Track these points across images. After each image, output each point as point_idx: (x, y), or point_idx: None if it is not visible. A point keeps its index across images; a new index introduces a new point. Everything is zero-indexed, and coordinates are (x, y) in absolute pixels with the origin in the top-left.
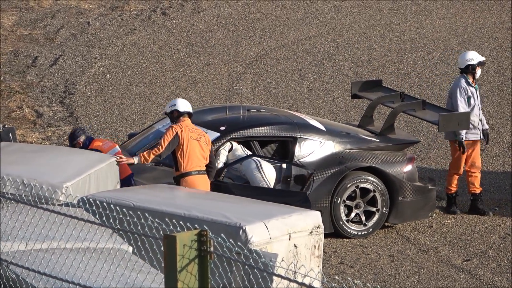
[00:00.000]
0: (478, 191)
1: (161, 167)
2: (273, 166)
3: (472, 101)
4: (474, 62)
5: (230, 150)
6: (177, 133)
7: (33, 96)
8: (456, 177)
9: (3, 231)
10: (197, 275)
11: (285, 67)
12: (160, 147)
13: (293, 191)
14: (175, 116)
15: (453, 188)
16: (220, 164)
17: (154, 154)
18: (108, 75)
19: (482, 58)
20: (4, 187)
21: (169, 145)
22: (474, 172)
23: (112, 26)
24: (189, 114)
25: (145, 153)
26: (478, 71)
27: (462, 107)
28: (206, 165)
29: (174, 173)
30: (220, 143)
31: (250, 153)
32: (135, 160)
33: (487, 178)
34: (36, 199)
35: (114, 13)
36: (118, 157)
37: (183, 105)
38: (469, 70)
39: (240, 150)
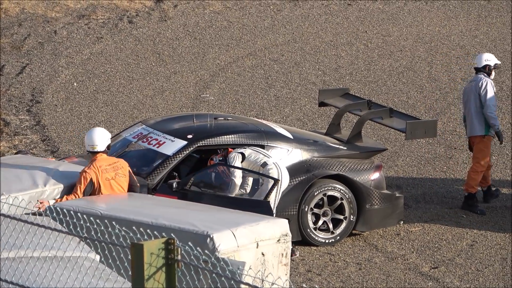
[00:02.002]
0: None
1: None
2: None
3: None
4: (491, 63)
5: (243, 160)
6: (91, 179)
7: (0, 104)
8: (482, 175)
9: None
10: (164, 283)
11: (252, 75)
12: (76, 196)
13: (256, 200)
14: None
15: (476, 186)
16: (238, 179)
17: None
18: (75, 84)
19: (498, 62)
20: None
21: (85, 192)
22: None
23: (79, 34)
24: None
25: (63, 199)
26: (493, 73)
27: (493, 103)
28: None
29: None
30: (187, 151)
31: (265, 152)
32: (51, 203)
33: (454, 185)
34: None
35: (81, 21)
36: (38, 207)
37: (103, 143)
38: (485, 70)
39: (255, 153)
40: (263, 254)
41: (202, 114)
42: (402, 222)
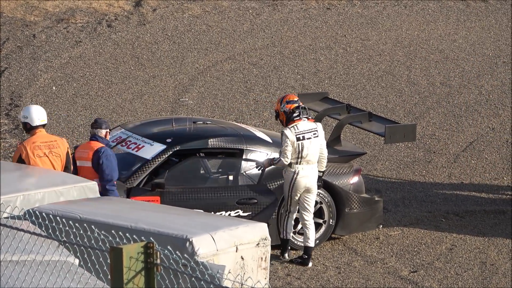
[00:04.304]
0: None
1: None
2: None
3: None
4: None
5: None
6: (20, 155)
7: None
8: None
9: None
10: (143, 287)
11: (231, 79)
12: None
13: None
14: (27, 127)
15: None
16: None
17: None
18: (54, 88)
19: None
20: None
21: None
22: None
23: (57, 38)
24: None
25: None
26: None
27: None
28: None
29: None
30: (166, 155)
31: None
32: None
33: (433, 189)
34: None
35: (59, 25)
36: None
37: (37, 117)
38: None
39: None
40: (242, 258)
41: (181, 118)
42: (381, 226)
